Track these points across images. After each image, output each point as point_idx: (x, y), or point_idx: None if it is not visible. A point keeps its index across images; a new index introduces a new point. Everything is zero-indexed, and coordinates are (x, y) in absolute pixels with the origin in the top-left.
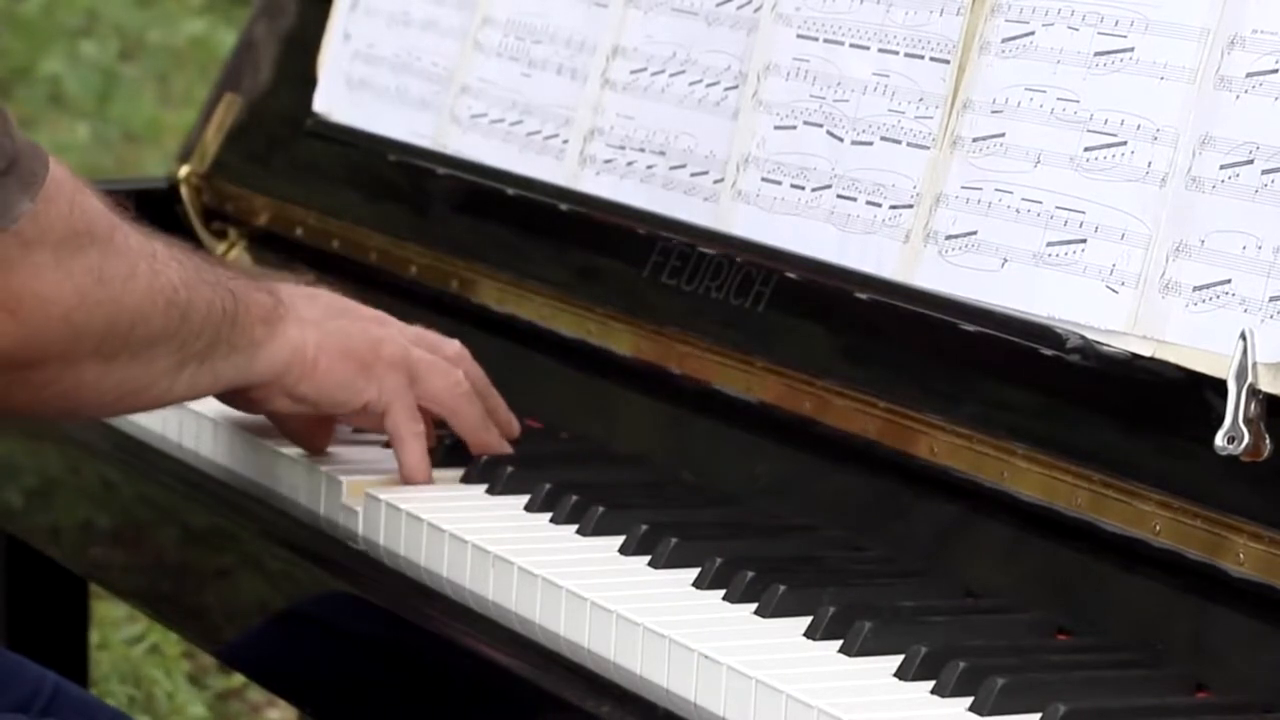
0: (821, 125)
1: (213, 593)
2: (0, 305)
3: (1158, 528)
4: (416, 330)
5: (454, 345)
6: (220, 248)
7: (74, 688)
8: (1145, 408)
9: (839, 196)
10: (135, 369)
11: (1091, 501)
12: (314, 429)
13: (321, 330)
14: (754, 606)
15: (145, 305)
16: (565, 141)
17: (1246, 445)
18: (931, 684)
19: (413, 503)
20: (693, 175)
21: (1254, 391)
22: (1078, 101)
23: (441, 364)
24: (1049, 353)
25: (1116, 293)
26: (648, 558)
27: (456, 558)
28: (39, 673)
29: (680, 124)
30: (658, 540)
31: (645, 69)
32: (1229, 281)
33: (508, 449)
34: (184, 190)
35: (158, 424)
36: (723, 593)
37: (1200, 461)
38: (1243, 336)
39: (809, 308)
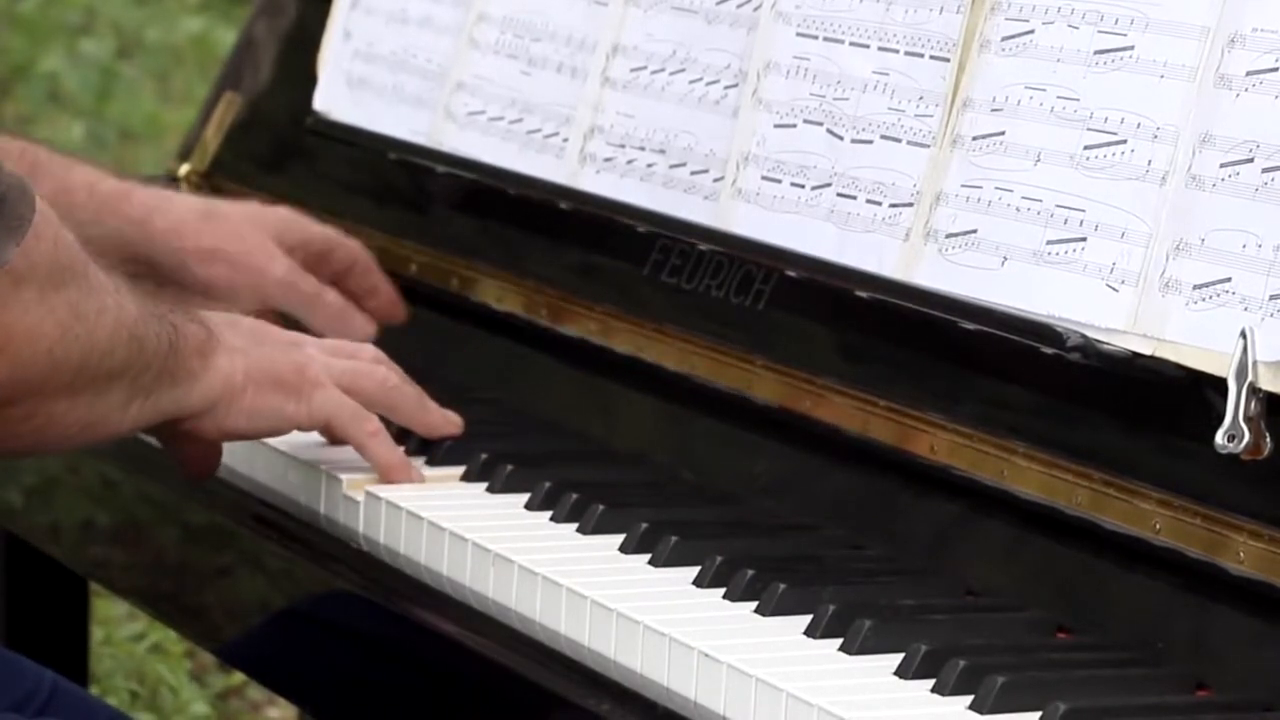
0: (821, 124)
1: (212, 592)
2: None
3: (1158, 526)
4: (332, 343)
5: (370, 349)
6: None
7: (72, 686)
8: (1145, 406)
9: (839, 195)
10: (95, 402)
11: (1091, 500)
12: (205, 453)
13: (248, 358)
14: (754, 605)
15: (112, 339)
16: (565, 140)
17: (1247, 444)
18: (931, 682)
19: (413, 501)
20: (693, 173)
21: (1254, 390)
22: (1078, 100)
23: (365, 367)
24: (1049, 351)
25: (1116, 291)
26: (648, 556)
27: (456, 556)
28: (37, 671)
29: (680, 122)
30: (658, 539)
31: (645, 67)
32: (1229, 280)
33: (456, 424)
34: (184, 189)
35: None
36: (723, 591)
37: (1200, 460)
38: (1243, 335)
39: (809, 306)
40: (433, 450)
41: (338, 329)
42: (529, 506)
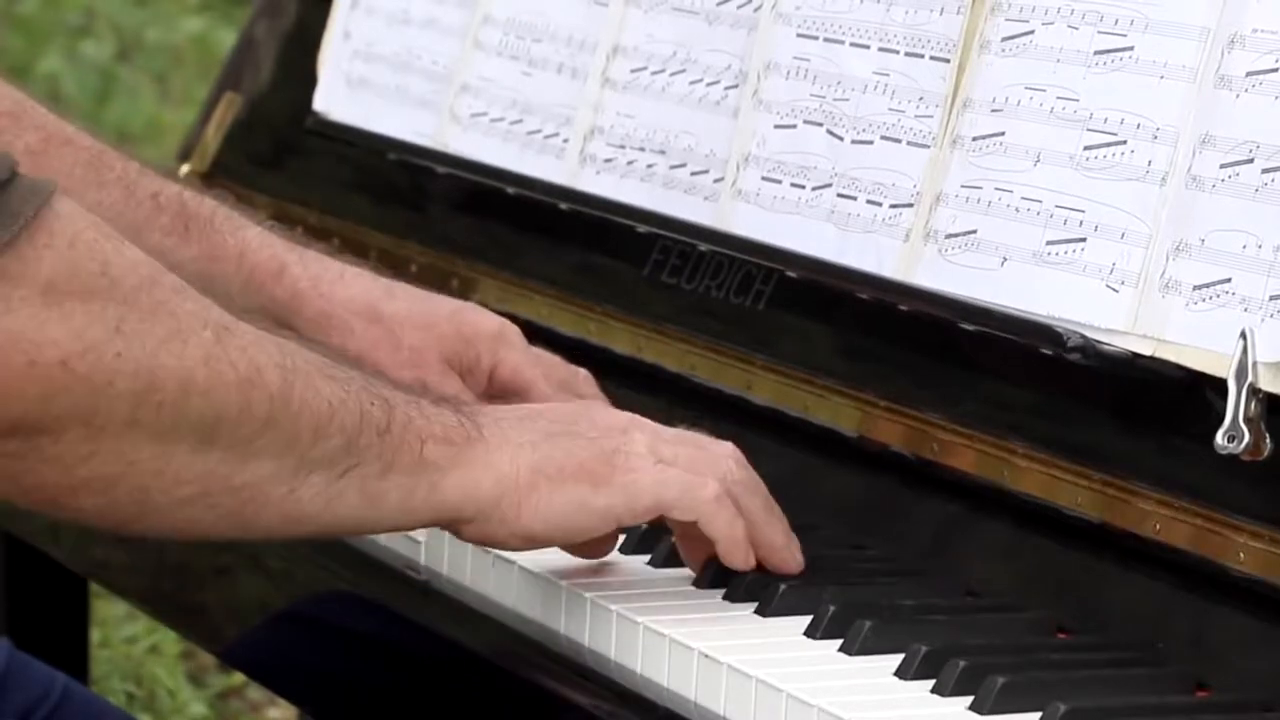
0: (822, 124)
1: (213, 592)
2: None
3: (1158, 527)
4: (675, 430)
5: (726, 445)
6: None
7: (82, 689)
8: (1145, 407)
9: (839, 195)
10: (218, 458)
11: (1091, 500)
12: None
13: (537, 452)
14: (754, 605)
15: (200, 375)
16: (565, 140)
17: (1247, 444)
18: (931, 683)
19: None
20: (693, 174)
21: (1254, 390)
22: (1077, 100)
23: (702, 455)
24: (1049, 352)
25: (1116, 292)
26: (648, 556)
27: (456, 555)
28: (48, 673)
29: (680, 123)
30: (658, 539)
31: (645, 68)
32: (1229, 280)
33: (797, 563)
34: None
35: None
36: (723, 591)
37: (1200, 460)
38: (1243, 335)
39: (809, 307)
40: None
41: None
42: None
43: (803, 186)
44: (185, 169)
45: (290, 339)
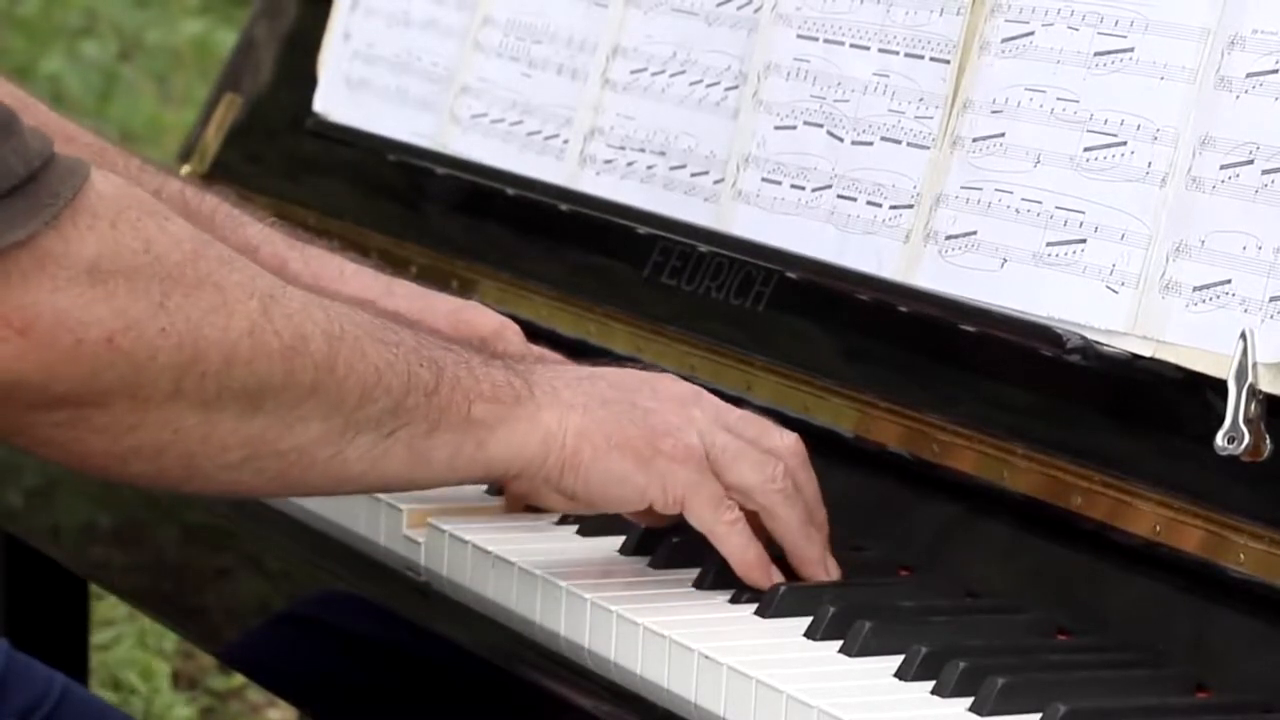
0: (822, 125)
1: (213, 592)
2: (5, 323)
3: (1158, 528)
4: (740, 413)
5: (789, 437)
6: None
7: (81, 690)
8: (1145, 408)
9: (839, 196)
10: (263, 424)
11: (1091, 501)
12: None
13: (587, 416)
14: (754, 607)
15: (244, 345)
16: (565, 141)
17: (1246, 445)
18: (931, 684)
19: (409, 501)
20: (693, 175)
21: (1254, 391)
22: (1077, 101)
23: (753, 453)
24: (1049, 353)
25: (1116, 293)
26: (648, 558)
27: (456, 555)
28: (47, 674)
29: (680, 124)
30: (658, 540)
31: (645, 69)
32: (1229, 281)
33: (833, 573)
34: None
35: None
36: (723, 593)
37: (1200, 461)
38: (1243, 336)
39: (809, 308)
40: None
41: None
42: (528, 508)
43: (803, 188)
44: (185, 170)
45: (341, 302)
